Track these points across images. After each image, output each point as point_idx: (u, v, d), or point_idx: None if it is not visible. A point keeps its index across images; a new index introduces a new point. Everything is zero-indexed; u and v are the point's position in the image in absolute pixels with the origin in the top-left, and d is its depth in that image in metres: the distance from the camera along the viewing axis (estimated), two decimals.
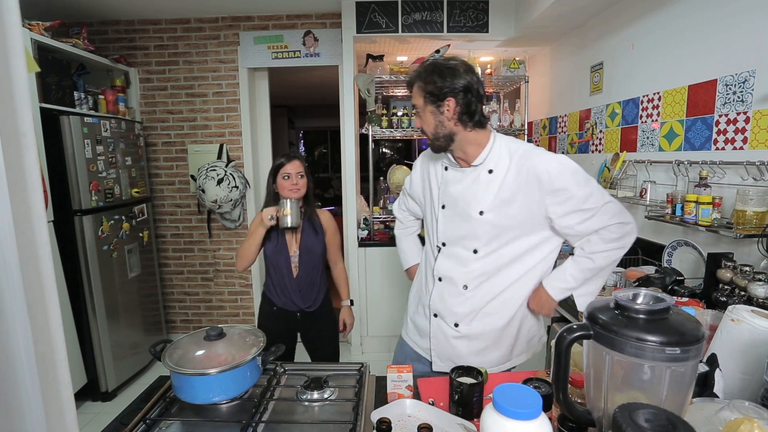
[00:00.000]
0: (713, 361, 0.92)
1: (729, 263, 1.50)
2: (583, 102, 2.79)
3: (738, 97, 1.63)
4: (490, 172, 1.24)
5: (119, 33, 3.27)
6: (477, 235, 1.26)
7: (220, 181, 3.14)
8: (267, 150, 3.60)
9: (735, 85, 1.64)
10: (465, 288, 1.29)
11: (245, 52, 3.24)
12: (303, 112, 7.41)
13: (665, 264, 1.90)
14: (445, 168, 1.35)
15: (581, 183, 1.17)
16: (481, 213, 1.24)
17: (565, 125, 3.07)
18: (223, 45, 3.27)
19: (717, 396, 0.88)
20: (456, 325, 1.32)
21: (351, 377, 1.23)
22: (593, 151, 2.69)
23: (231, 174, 3.18)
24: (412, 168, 1.55)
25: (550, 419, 0.70)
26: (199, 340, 1.12)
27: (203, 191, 3.15)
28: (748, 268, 1.44)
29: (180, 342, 1.14)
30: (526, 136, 3.26)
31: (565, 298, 1.29)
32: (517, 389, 0.71)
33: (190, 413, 1.09)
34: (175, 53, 3.29)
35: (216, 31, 3.26)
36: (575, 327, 0.75)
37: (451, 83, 1.19)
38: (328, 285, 1.92)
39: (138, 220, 3.01)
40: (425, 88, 1.23)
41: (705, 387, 0.89)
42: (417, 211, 1.60)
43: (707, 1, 1.77)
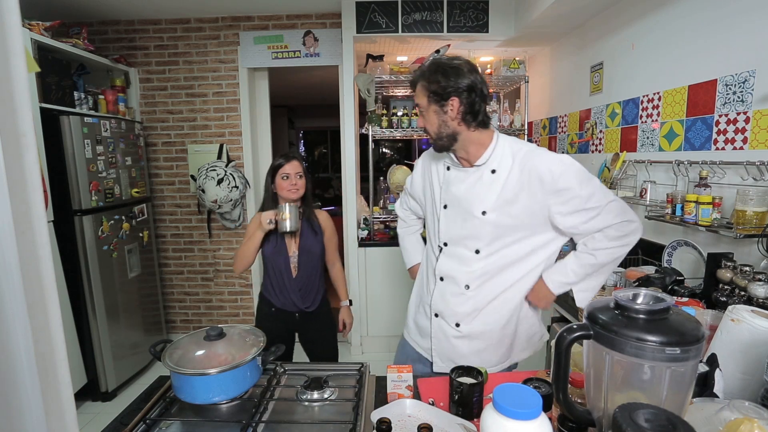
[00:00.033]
0: (713, 361, 0.92)
1: (729, 263, 1.50)
2: (583, 102, 2.79)
3: (738, 97, 1.63)
4: (493, 172, 1.24)
5: (119, 33, 3.27)
6: (479, 235, 1.26)
7: (220, 181, 3.14)
8: (267, 150, 3.60)
9: (735, 85, 1.65)
10: (467, 288, 1.29)
11: (245, 52, 3.24)
12: (303, 112, 7.41)
13: (665, 264, 1.90)
14: (448, 168, 1.35)
15: (584, 182, 1.17)
16: (484, 213, 1.24)
17: (565, 125, 3.07)
18: (223, 45, 3.27)
19: (717, 396, 0.88)
20: (457, 325, 1.32)
21: (351, 377, 1.23)
22: (593, 151, 2.70)
23: (231, 174, 3.18)
24: (412, 168, 1.55)
25: (550, 419, 0.70)
26: (199, 340, 1.12)
27: (203, 191, 3.16)
28: (748, 268, 1.44)
29: (180, 342, 1.14)
30: (526, 136, 3.26)
31: (564, 293, 1.29)
32: (517, 389, 0.71)
33: (190, 413, 1.09)
34: (175, 53, 3.29)
35: (216, 31, 3.26)
36: (575, 327, 0.75)
37: (455, 83, 1.19)
38: (325, 285, 1.92)
39: (138, 220, 3.01)
40: (429, 87, 1.22)
41: (705, 387, 0.89)
42: (418, 211, 1.60)
43: (707, 1, 1.77)
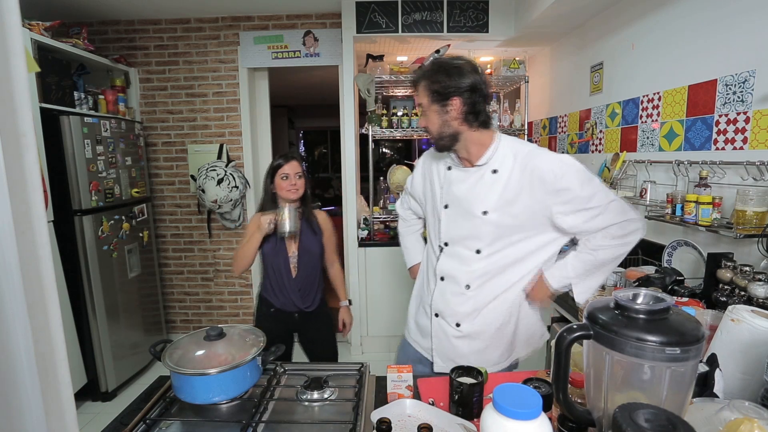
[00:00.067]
0: (713, 361, 0.92)
1: (729, 263, 1.50)
2: (583, 102, 2.79)
3: (738, 97, 1.63)
4: (494, 172, 1.24)
5: (119, 33, 3.27)
6: (480, 235, 1.26)
7: (220, 181, 3.14)
8: (267, 150, 3.60)
9: (735, 85, 1.64)
10: (467, 287, 1.29)
11: (245, 52, 3.24)
12: (303, 112, 7.41)
13: (665, 264, 1.90)
14: (449, 168, 1.35)
15: (585, 182, 1.17)
16: (485, 213, 1.24)
17: (565, 125, 3.07)
18: (223, 45, 3.27)
19: (717, 396, 0.88)
20: (458, 325, 1.32)
21: (351, 377, 1.23)
22: (593, 151, 2.70)
23: (231, 174, 3.18)
24: (412, 168, 1.55)
25: (550, 419, 0.70)
26: (199, 340, 1.12)
27: (203, 191, 3.15)
28: (748, 268, 1.44)
29: (180, 342, 1.14)
30: (526, 136, 3.26)
31: (564, 290, 1.29)
32: (517, 389, 0.71)
33: (190, 413, 1.09)
34: (175, 53, 3.29)
35: (216, 31, 3.26)
36: (575, 327, 0.75)
37: (457, 83, 1.19)
38: (324, 285, 1.92)
39: (138, 220, 3.01)
40: (431, 87, 1.22)
41: (705, 387, 0.89)
42: (419, 211, 1.60)
43: (707, 1, 1.77)
